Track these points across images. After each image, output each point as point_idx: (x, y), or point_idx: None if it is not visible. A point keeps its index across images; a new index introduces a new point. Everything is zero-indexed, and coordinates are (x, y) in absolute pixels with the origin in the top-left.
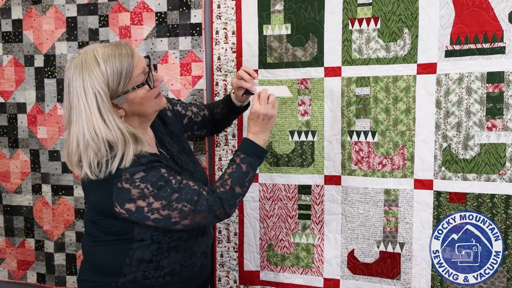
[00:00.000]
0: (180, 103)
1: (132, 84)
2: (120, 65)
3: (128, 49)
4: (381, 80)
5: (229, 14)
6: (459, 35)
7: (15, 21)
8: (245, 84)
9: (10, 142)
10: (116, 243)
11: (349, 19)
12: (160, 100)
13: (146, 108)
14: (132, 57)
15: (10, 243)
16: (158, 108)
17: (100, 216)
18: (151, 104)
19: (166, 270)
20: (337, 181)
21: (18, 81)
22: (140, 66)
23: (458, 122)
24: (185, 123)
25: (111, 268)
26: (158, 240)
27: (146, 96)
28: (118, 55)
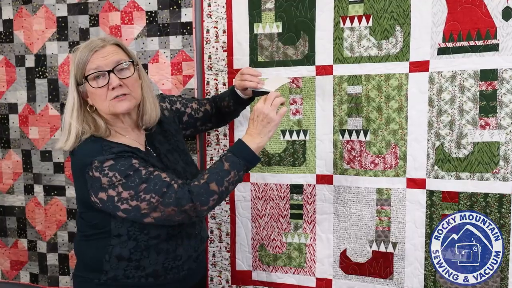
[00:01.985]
0: (180, 100)
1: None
2: (80, 56)
3: (99, 43)
4: (373, 79)
5: (220, 13)
6: (452, 33)
7: (5, 21)
8: (249, 84)
9: (2, 142)
10: (97, 238)
11: (340, 17)
12: (116, 103)
13: (99, 105)
14: (92, 52)
15: (3, 243)
16: (113, 110)
17: (83, 209)
18: (104, 104)
19: (148, 271)
20: (329, 180)
21: (9, 81)
22: (96, 63)
23: (451, 121)
24: (185, 120)
25: (93, 263)
26: (135, 237)
27: (94, 93)
28: (85, 46)
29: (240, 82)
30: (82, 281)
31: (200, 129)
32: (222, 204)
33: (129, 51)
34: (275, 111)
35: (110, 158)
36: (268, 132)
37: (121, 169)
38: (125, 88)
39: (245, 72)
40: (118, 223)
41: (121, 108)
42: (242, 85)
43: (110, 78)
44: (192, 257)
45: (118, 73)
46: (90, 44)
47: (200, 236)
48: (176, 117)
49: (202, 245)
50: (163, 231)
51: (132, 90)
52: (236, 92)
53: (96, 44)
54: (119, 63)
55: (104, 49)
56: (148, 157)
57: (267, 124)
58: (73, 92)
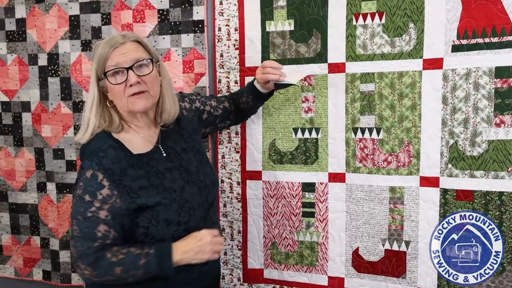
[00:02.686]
0: (199, 98)
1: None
2: (101, 51)
3: (120, 40)
4: (386, 76)
5: (232, 11)
6: (467, 29)
7: (18, 20)
8: (271, 76)
9: (15, 140)
10: None
11: (353, 14)
12: (134, 100)
13: (117, 102)
14: (113, 49)
15: (16, 241)
16: (130, 108)
17: None
18: (121, 100)
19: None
20: (342, 178)
21: (22, 80)
22: (115, 59)
23: (465, 118)
24: (204, 118)
25: None
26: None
27: (113, 89)
28: (106, 42)
29: (262, 75)
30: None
31: (219, 127)
32: (233, 202)
33: (150, 48)
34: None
35: (91, 169)
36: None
37: (87, 188)
38: (143, 85)
39: (267, 65)
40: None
41: (139, 106)
42: (264, 78)
43: (128, 75)
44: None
45: (137, 70)
46: (111, 40)
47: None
48: (195, 116)
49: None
50: (168, 235)
51: (150, 88)
52: (255, 87)
53: (116, 40)
54: (138, 61)
55: (124, 46)
56: (152, 156)
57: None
58: (93, 87)
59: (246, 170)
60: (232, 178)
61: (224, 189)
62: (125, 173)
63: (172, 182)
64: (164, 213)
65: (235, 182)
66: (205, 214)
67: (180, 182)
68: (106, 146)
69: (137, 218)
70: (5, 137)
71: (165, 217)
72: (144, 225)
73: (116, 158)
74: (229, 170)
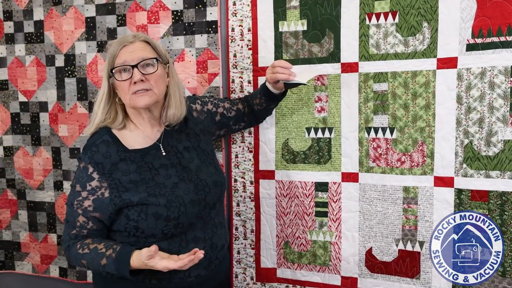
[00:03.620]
0: (211, 100)
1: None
2: (111, 49)
3: (130, 39)
4: (399, 76)
5: (245, 11)
6: (481, 28)
7: (36, 22)
8: (281, 76)
9: (33, 140)
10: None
11: (366, 13)
12: (136, 98)
13: (123, 98)
14: (122, 47)
15: (33, 238)
16: (133, 104)
17: None
18: (126, 97)
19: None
20: (355, 178)
21: (40, 80)
22: (123, 57)
23: (481, 118)
24: (218, 120)
25: None
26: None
27: (118, 85)
28: (117, 41)
29: (271, 75)
30: (97, 275)
31: (233, 129)
32: (247, 201)
33: (159, 49)
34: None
35: (84, 162)
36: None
37: (79, 179)
38: (147, 83)
39: (276, 65)
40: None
41: (140, 102)
42: (274, 78)
43: (133, 73)
44: (201, 263)
45: (142, 68)
46: (122, 39)
47: (211, 241)
48: (207, 118)
49: (214, 252)
50: (157, 231)
51: (154, 86)
52: (267, 87)
53: (126, 39)
54: (144, 59)
55: (133, 45)
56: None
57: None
58: (104, 84)
59: (259, 170)
60: (245, 177)
61: (237, 188)
62: (115, 167)
63: (165, 178)
64: (153, 207)
65: (248, 181)
66: (201, 213)
67: (174, 179)
68: (99, 141)
69: (128, 211)
70: (23, 137)
71: (154, 211)
72: (134, 218)
73: (107, 153)
74: (242, 170)
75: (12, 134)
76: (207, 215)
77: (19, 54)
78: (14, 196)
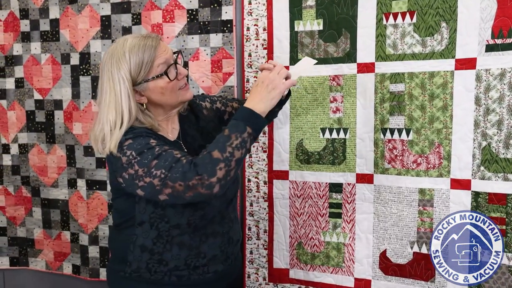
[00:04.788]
0: (220, 99)
1: (152, 74)
2: (142, 55)
3: (154, 40)
4: (416, 76)
5: (260, 11)
6: (502, 29)
7: (52, 20)
8: None
9: (48, 137)
10: (124, 227)
11: (383, 13)
12: (185, 92)
13: (168, 98)
14: (155, 49)
15: (47, 235)
16: (182, 99)
17: (114, 194)
18: (174, 95)
19: (170, 266)
20: (370, 179)
21: (55, 78)
22: (163, 57)
23: (499, 120)
24: (226, 119)
25: (119, 254)
26: (156, 224)
27: (166, 87)
28: (142, 45)
29: None
30: (111, 272)
31: None
32: (260, 201)
33: None
34: (282, 79)
35: (129, 138)
36: (271, 99)
37: (137, 147)
38: (185, 77)
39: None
40: (141, 209)
41: (189, 95)
42: None
43: (178, 69)
44: (218, 257)
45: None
46: (146, 43)
47: (228, 236)
48: (216, 116)
49: (230, 246)
50: (183, 220)
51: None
52: None
53: (151, 42)
54: (175, 54)
55: (161, 44)
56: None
57: (272, 90)
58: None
59: (273, 170)
60: (259, 177)
61: (251, 188)
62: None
63: None
64: None
65: (262, 181)
66: (222, 208)
67: None
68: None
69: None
70: (38, 134)
71: None
72: (162, 204)
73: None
74: (256, 170)
75: (27, 132)
76: (224, 209)
77: (34, 52)
78: (28, 193)
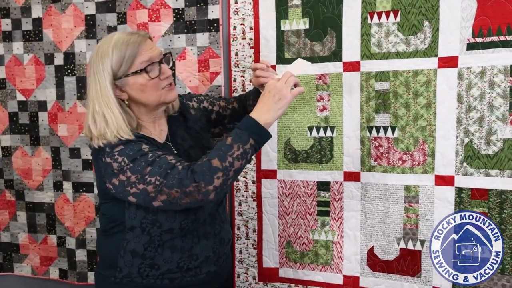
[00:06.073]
0: (207, 98)
1: (132, 70)
2: (124, 50)
3: (139, 37)
4: (401, 75)
5: (247, 10)
6: (482, 28)
7: (35, 19)
8: (263, 80)
9: (32, 139)
10: (114, 232)
11: (368, 12)
12: (167, 92)
13: (148, 96)
14: (138, 45)
15: (33, 240)
16: (164, 99)
17: (102, 199)
18: (155, 94)
19: (163, 270)
20: (357, 177)
21: (38, 79)
22: (147, 55)
23: (481, 117)
24: (213, 118)
25: (109, 259)
26: (148, 230)
27: (146, 84)
28: (126, 41)
29: (255, 79)
30: (101, 278)
31: (228, 127)
32: (249, 201)
33: None
34: (289, 89)
35: (120, 144)
36: (278, 109)
37: (129, 153)
38: (171, 77)
39: (253, 68)
40: (131, 214)
41: (173, 96)
42: (258, 83)
43: (162, 68)
44: (211, 259)
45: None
46: (130, 39)
47: (220, 237)
48: (203, 116)
49: (222, 247)
50: (175, 225)
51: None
52: (258, 89)
53: (136, 39)
54: (163, 54)
55: (147, 42)
56: (165, 149)
57: (278, 100)
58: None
59: (261, 169)
60: (247, 177)
61: (239, 188)
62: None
63: None
64: None
65: (250, 181)
66: (213, 209)
67: None
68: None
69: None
70: (22, 136)
71: None
72: (154, 209)
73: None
74: (244, 169)
75: (10, 134)
76: (215, 211)
77: (17, 53)
78: (12, 197)
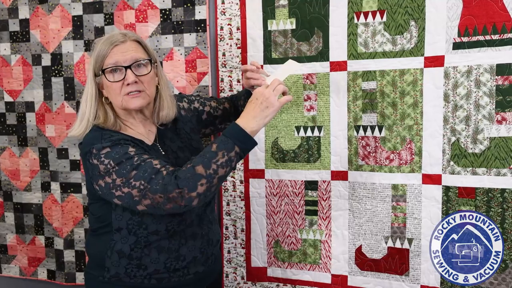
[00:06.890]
0: (198, 99)
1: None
2: (99, 49)
3: (118, 39)
4: (387, 74)
5: (234, 10)
6: (467, 27)
7: (22, 20)
8: (254, 82)
9: (19, 140)
10: (101, 232)
11: (354, 12)
12: (129, 99)
13: (112, 99)
14: (111, 46)
15: (21, 240)
16: (125, 106)
17: (90, 200)
18: (117, 98)
19: (150, 270)
20: (344, 176)
21: (26, 80)
22: (114, 58)
23: (467, 116)
24: (204, 119)
25: (97, 259)
26: (134, 231)
27: (109, 86)
28: (105, 40)
29: (245, 80)
30: (90, 278)
31: (219, 128)
32: (237, 200)
33: (149, 49)
34: (277, 97)
35: (107, 146)
36: (265, 117)
37: (116, 156)
38: (140, 85)
39: (243, 70)
40: (118, 215)
41: (134, 104)
42: (249, 84)
43: (126, 74)
44: (199, 259)
45: (135, 69)
46: (112, 38)
47: (208, 237)
48: (194, 116)
49: (210, 248)
50: (161, 227)
51: (146, 88)
52: (249, 90)
53: (117, 38)
54: (137, 61)
55: (124, 45)
56: (152, 151)
57: (265, 108)
58: (90, 83)
59: (249, 169)
60: (235, 176)
61: (227, 187)
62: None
63: None
64: None
65: (238, 180)
66: (200, 210)
67: None
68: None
69: None
70: (10, 137)
71: None
72: (139, 212)
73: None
74: None
75: None
76: (203, 212)
77: (4, 53)
78: (0, 198)
